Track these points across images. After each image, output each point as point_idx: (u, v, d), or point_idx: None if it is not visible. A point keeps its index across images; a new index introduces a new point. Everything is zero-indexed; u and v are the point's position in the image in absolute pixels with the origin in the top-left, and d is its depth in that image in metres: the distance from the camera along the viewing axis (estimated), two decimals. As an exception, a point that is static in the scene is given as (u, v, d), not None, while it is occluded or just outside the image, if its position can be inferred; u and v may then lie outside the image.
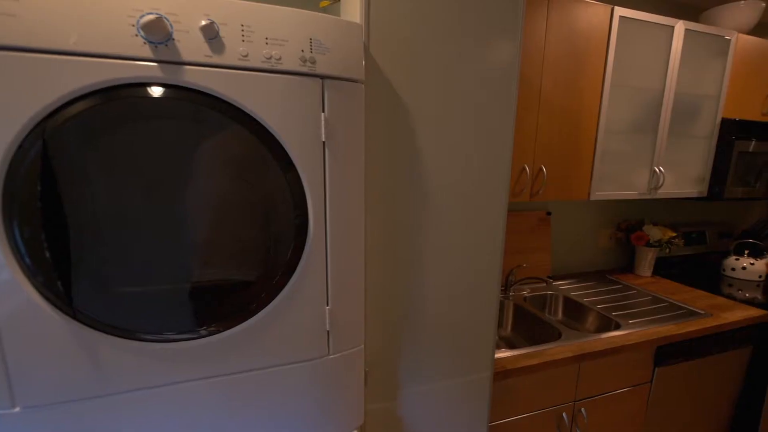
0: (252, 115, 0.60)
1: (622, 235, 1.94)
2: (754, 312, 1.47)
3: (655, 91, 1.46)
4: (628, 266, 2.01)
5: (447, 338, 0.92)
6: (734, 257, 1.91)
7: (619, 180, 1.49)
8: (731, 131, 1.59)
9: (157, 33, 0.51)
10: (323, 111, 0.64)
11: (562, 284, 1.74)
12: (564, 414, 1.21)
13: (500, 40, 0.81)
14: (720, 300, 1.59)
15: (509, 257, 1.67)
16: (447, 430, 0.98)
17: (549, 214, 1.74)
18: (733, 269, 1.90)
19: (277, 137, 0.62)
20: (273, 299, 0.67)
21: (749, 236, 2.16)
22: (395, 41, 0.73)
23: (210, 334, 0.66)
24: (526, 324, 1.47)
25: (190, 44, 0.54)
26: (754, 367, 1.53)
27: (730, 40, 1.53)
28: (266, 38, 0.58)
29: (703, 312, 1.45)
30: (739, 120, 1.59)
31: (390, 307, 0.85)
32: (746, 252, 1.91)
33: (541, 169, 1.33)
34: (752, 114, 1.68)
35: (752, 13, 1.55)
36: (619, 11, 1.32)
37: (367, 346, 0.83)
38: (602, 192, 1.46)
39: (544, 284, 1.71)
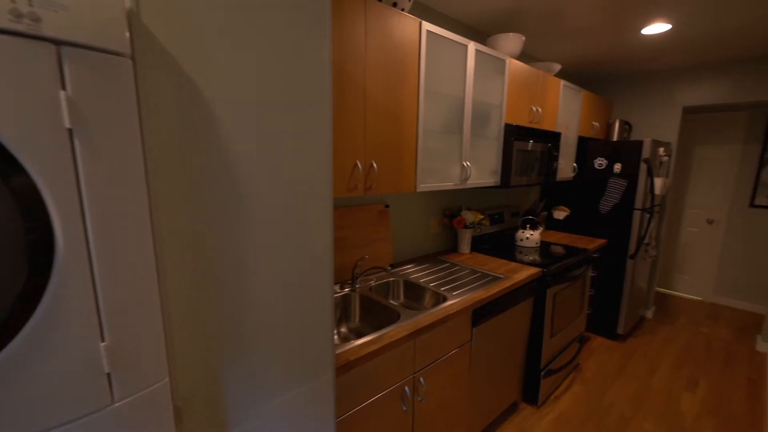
0: None
1: (447, 221, 2.27)
2: (533, 270, 1.94)
3: (459, 98, 1.75)
4: (454, 246, 2.38)
5: (282, 346, 0.86)
6: (521, 231, 2.49)
7: (439, 173, 1.73)
8: (511, 134, 2.04)
9: None
10: (63, 88, 0.48)
11: (403, 270, 1.92)
12: (406, 387, 1.32)
13: (309, 37, 0.80)
14: (513, 265, 2.04)
15: (354, 251, 1.73)
16: (291, 441, 0.93)
17: (387, 206, 1.88)
18: (521, 240, 2.47)
19: (-21, 120, 0.43)
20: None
21: (529, 214, 2.87)
22: (179, 14, 0.62)
23: None
24: (373, 312, 1.55)
25: None
26: (535, 312, 2.04)
27: (505, 61, 1.95)
28: (-69, -29, 0.39)
29: (502, 276, 1.83)
30: (516, 125, 2.06)
31: (206, 323, 0.73)
32: (528, 226, 2.52)
33: (372, 165, 1.40)
34: (524, 121, 2.21)
35: (516, 43, 2.03)
36: (426, 26, 1.51)
37: (178, 377, 0.70)
38: (426, 184, 1.66)
39: (385, 272, 1.84)
